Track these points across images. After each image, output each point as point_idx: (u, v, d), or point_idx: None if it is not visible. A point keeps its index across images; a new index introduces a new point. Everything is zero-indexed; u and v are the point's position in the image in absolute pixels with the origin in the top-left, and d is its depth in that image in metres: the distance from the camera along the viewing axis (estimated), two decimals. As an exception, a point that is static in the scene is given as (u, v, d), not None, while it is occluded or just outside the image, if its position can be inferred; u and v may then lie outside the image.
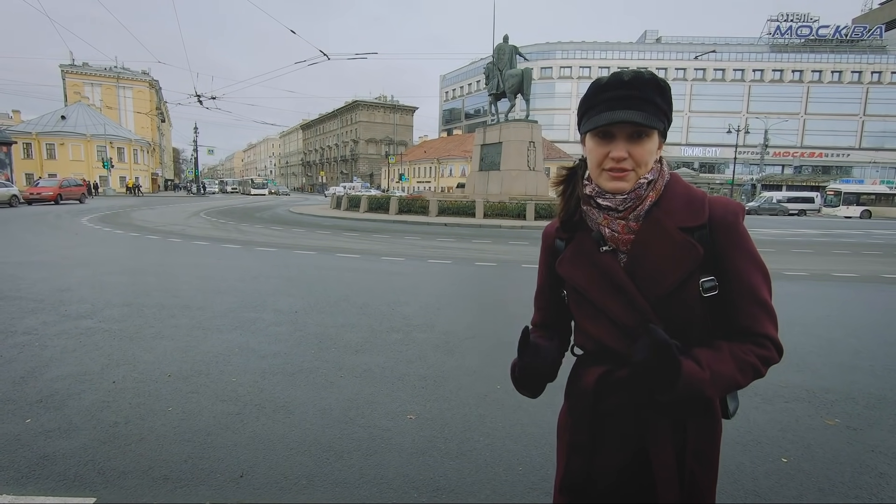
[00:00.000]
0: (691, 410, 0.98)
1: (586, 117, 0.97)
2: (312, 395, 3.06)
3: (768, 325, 0.94)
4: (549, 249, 1.12)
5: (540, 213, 18.52)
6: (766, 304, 0.94)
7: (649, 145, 0.94)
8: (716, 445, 1.01)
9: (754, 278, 0.94)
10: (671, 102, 0.96)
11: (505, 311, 5.57)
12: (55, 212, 20.08)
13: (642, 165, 0.94)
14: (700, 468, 0.98)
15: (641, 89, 0.92)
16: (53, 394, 2.99)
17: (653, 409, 0.97)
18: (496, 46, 23.11)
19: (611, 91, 0.93)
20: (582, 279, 1.02)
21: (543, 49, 67.35)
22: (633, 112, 0.91)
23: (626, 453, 1.00)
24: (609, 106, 0.93)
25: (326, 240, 12.28)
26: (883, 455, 2.51)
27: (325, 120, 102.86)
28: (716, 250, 0.94)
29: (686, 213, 0.95)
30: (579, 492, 1.06)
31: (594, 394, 1.03)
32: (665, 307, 0.94)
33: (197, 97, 27.73)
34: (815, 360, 3.91)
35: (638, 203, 0.97)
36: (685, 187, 1.00)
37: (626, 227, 0.98)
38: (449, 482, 2.19)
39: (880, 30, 62.11)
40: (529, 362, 1.04)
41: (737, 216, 0.95)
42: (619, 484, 1.01)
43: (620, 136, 0.93)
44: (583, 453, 1.04)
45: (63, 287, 5.97)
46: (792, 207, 36.35)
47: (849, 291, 7.08)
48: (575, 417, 1.07)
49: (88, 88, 62.54)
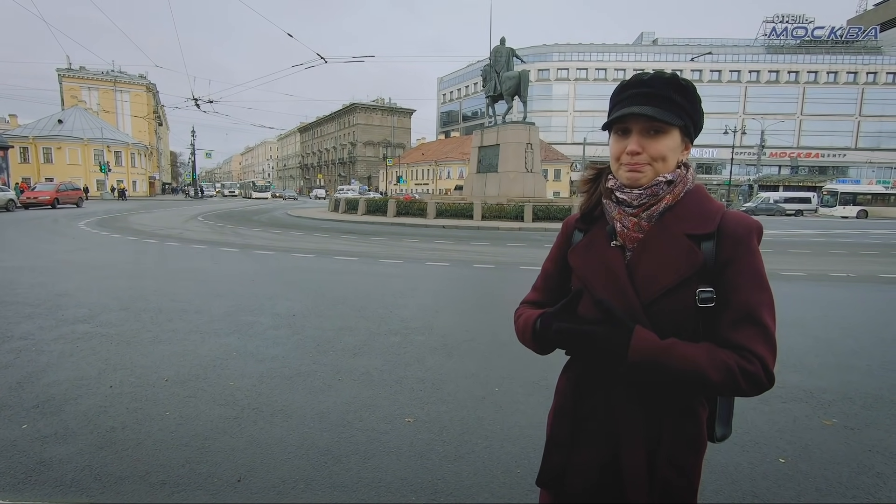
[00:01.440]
0: (667, 403, 0.96)
1: (610, 113, 1.00)
2: (310, 399, 3.06)
3: (759, 345, 0.88)
4: (566, 237, 1.14)
5: (538, 214, 18.54)
6: (762, 324, 0.89)
7: (666, 141, 0.95)
8: (695, 457, 0.98)
9: (754, 296, 0.90)
10: (695, 101, 0.97)
11: (503, 314, 5.56)
12: (52, 216, 20.03)
13: (658, 160, 0.95)
14: (675, 476, 0.96)
15: (658, 87, 0.95)
16: (50, 399, 2.98)
17: (626, 401, 0.97)
18: (493, 49, 23.17)
19: (630, 89, 0.97)
20: (588, 270, 1.04)
21: (540, 51, 67.57)
22: (646, 107, 0.93)
23: (606, 452, 1.00)
24: (627, 103, 0.96)
25: (324, 243, 12.28)
26: (880, 455, 2.51)
27: (322, 123, 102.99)
28: (720, 262, 0.92)
29: (697, 221, 0.95)
30: (556, 487, 1.06)
31: (575, 391, 1.05)
32: (656, 309, 0.94)
33: (194, 101, 27.70)
34: (813, 361, 3.92)
35: (653, 202, 0.97)
36: (706, 198, 1.00)
37: (636, 226, 0.99)
38: (447, 485, 2.19)
39: (875, 31, 62.44)
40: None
41: (750, 232, 0.93)
42: (600, 483, 1.01)
43: (636, 131, 0.96)
44: (562, 449, 1.06)
45: (60, 292, 5.95)
46: (789, 208, 36.49)
47: (846, 292, 7.10)
48: (558, 414, 1.09)
49: (86, 92, 62.52)
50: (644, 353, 0.88)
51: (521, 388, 3.28)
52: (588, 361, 1.02)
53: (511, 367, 3.65)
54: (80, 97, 60.70)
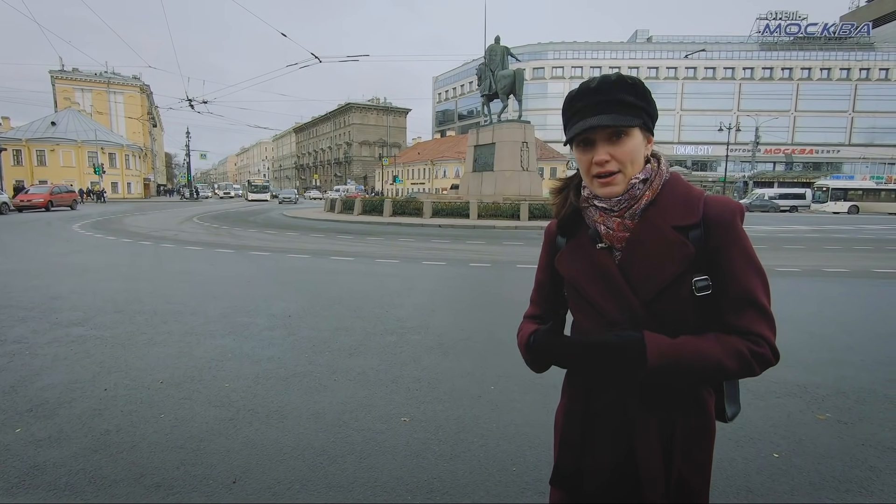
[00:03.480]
0: (678, 398, 0.97)
1: (566, 129, 0.99)
2: (306, 400, 3.05)
3: (762, 326, 0.92)
4: (550, 245, 1.14)
5: (534, 213, 18.56)
6: (761, 306, 0.92)
7: (631, 143, 0.95)
8: (707, 449, 1.00)
9: (749, 280, 0.93)
10: (647, 97, 0.97)
11: (499, 312, 5.57)
12: (46, 219, 19.91)
13: (628, 164, 0.95)
14: (689, 471, 0.97)
15: (609, 92, 0.94)
16: (44, 402, 2.96)
17: (639, 399, 0.97)
18: (488, 47, 23.16)
19: (581, 100, 0.96)
20: (578, 275, 1.03)
21: (535, 49, 67.61)
22: (603, 116, 0.93)
23: (619, 452, 1.00)
24: (581, 115, 0.95)
25: (320, 243, 12.25)
26: (873, 449, 2.53)
27: (318, 123, 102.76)
28: (710, 249, 0.93)
29: (681, 212, 0.95)
30: (570, 486, 1.06)
31: (586, 391, 1.05)
32: (656, 306, 0.95)
33: (188, 102, 27.60)
34: (807, 356, 3.94)
35: (633, 203, 0.97)
36: (685, 186, 1.00)
37: (621, 225, 0.98)
38: (443, 484, 2.19)
39: (867, 27, 62.75)
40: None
41: (734, 215, 0.94)
42: (613, 482, 1.01)
43: (600, 140, 0.95)
44: (574, 449, 1.05)
45: (54, 294, 5.91)
46: (783, 204, 36.69)
47: (840, 287, 7.14)
48: (568, 414, 1.08)
49: (79, 94, 62.14)
50: (663, 356, 0.89)
51: (517, 386, 3.29)
52: (600, 374, 0.99)
53: (507, 365, 3.66)
54: (74, 99, 60.32)
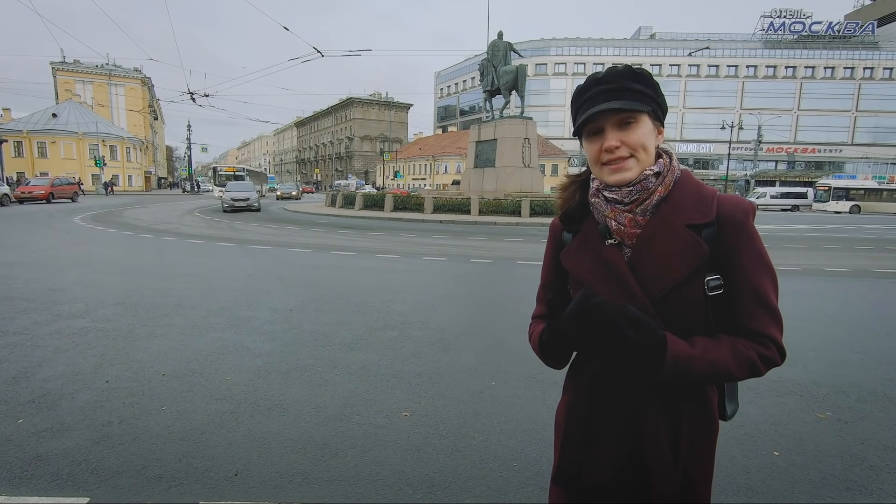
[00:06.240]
0: (684, 395, 0.98)
1: (575, 121, 0.99)
2: (307, 393, 3.06)
3: (772, 328, 0.93)
4: (555, 241, 1.12)
5: (535, 209, 18.52)
6: (771, 306, 0.93)
7: (640, 130, 0.94)
8: (711, 444, 1.00)
9: (761, 280, 0.93)
10: (655, 86, 0.97)
11: (500, 308, 5.58)
12: (47, 211, 19.91)
13: (639, 150, 0.95)
14: (693, 466, 0.97)
15: (617, 81, 0.94)
16: (46, 394, 2.97)
17: (645, 395, 0.97)
18: (491, 43, 23.05)
19: (591, 90, 0.96)
20: (585, 271, 1.02)
21: (538, 45, 67.27)
22: (613, 102, 0.93)
23: (623, 450, 0.99)
24: (590, 104, 0.95)
25: (321, 238, 12.25)
26: (873, 448, 2.53)
27: (319, 117, 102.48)
28: (723, 249, 0.93)
29: (694, 211, 0.95)
30: (571, 484, 1.06)
31: (590, 389, 1.04)
32: (666, 304, 0.94)
33: (190, 95, 27.52)
34: (808, 355, 3.94)
35: (645, 196, 0.96)
36: (696, 184, 0.99)
37: (632, 221, 0.97)
38: (444, 479, 2.20)
39: (872, 26, 62.41)
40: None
41: (746, 215, 0.94)
42: (617, 481, 1.00)
43: (609, 127, 0.95)
44: (577, 446, 1.05)
45: (55, 286, 5.92)
46: (785, 203, 36.66)
47: (841, 286, 7.14)
48: (572, 409, 1.07)
49: (80, 86, 61.99)
50: (679, 363, 0.89)
51: (518, 382, 3.29)
52: (612, 364, 0.97)
53: (508, 361, 3.66)
54: (75, 91, 60.18)
